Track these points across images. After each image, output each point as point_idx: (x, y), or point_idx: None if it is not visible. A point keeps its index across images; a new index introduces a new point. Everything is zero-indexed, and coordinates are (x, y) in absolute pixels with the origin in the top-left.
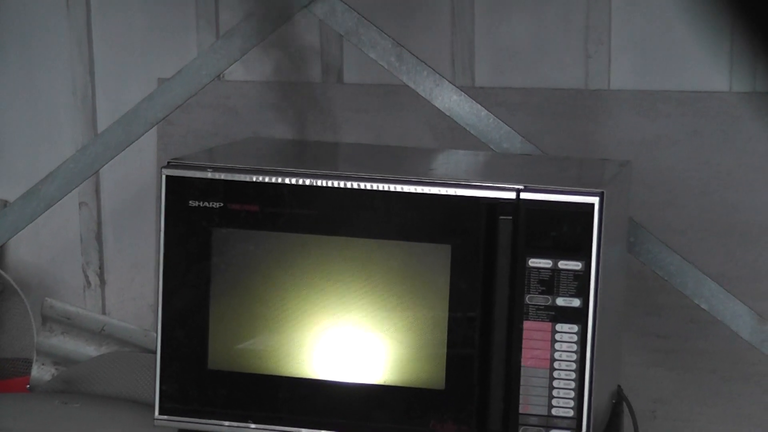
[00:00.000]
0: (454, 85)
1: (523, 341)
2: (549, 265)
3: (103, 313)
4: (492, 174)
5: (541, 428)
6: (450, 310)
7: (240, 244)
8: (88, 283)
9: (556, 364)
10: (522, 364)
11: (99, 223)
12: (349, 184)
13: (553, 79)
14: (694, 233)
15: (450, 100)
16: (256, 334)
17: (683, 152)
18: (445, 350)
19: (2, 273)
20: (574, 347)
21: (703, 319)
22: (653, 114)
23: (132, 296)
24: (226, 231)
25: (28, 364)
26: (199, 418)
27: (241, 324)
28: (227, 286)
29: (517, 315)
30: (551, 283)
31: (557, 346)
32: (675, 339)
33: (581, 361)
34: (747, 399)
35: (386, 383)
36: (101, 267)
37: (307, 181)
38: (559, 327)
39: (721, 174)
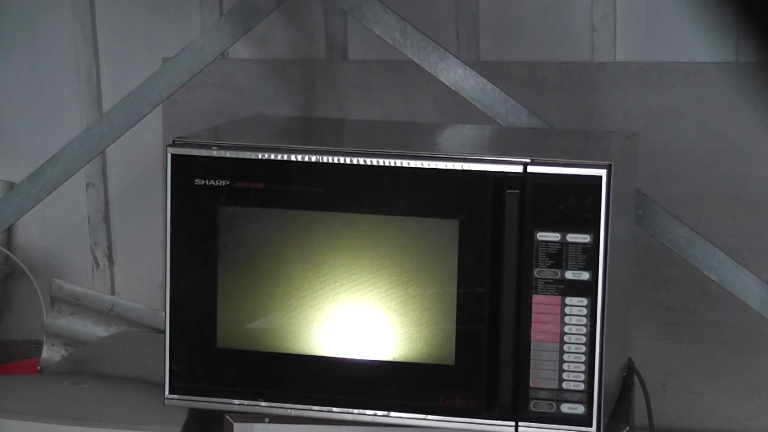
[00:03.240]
0: (459, 60)
1: (533, 315)
2: (557, 239)
3: (113, 293)
4: (499, 148)
5: (551, 402)
6: (458, 285)
7: (246, 222)
8: (97, 263)
9: (566, 338)
10: (531, 338)
11: (106, 204)
12: (355, 160)
13: (559, 52)
14: (702, 205)
15: (455, 75)
16: (265, 312)
17: (690, 124)
18: (454, 326)
19: (11, 255)
20: (584, 320)
21: (712, 291)
22: (659, 86)
23: (140, 276)
24: (232, 209)
25: (38, 345)
26: (210, 397)
27: (249, 302)
28: (235, 264)
29: (525, 289)
30: (560, 256)
31: (567, 319)
32: (684, 311)
33: (591, 334)
34: (757, 370)
35: (396, 359)
36: (109, 247)
37: (313, 158)
38: (568, 300)
39: (729, 146)
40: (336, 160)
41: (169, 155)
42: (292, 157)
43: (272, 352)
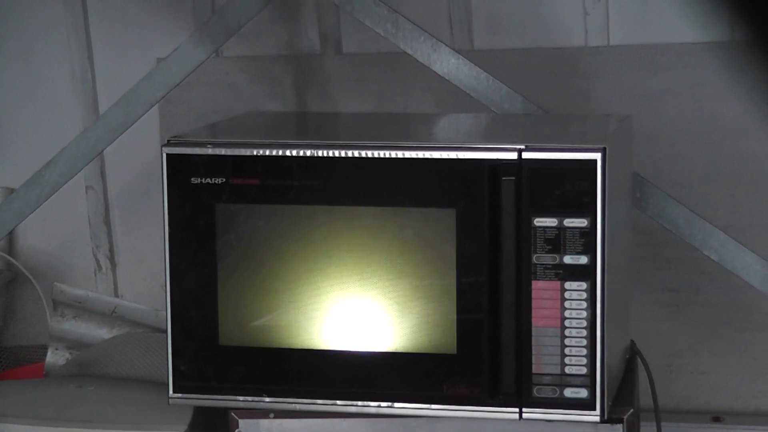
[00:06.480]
0: (452, 49)
1: (533, 301)
2: (554, 224)
3: (116, 295)
4: (493, 135)
5: (554, 387)
6: (458, 274)
7: (244, 219)
8: (99, 266)
9: (566, 323)
10: (533, 324)
11: (106, 206)
12: (350, 153)
13: (553, 38)
14: (701, 185)
15: (448, 64)
16: (266, 308)
17: (686, 105)
18: (455, 314)
19: (13, 261)
20: (584, 304)
21: (714, 271)
22: (654, 68)
23: (143, 277)
24: (229, 206)
25: (43, 350)
26: (214, 394)
27: (249, 298)
28: (234, 261)
29: (525, 275)
30: (558, 241)
31: (567, 304)
32: (687, 292)
33: (592, 318)
34: (762, 348)
35: (398, 350)
36: (111, 250)
37: (308, 152)
38: (567, 285)
39: (726, 124)
40: (331, 154)
41: (164, 155)
42: (288, 152)
43: (275, 348)
